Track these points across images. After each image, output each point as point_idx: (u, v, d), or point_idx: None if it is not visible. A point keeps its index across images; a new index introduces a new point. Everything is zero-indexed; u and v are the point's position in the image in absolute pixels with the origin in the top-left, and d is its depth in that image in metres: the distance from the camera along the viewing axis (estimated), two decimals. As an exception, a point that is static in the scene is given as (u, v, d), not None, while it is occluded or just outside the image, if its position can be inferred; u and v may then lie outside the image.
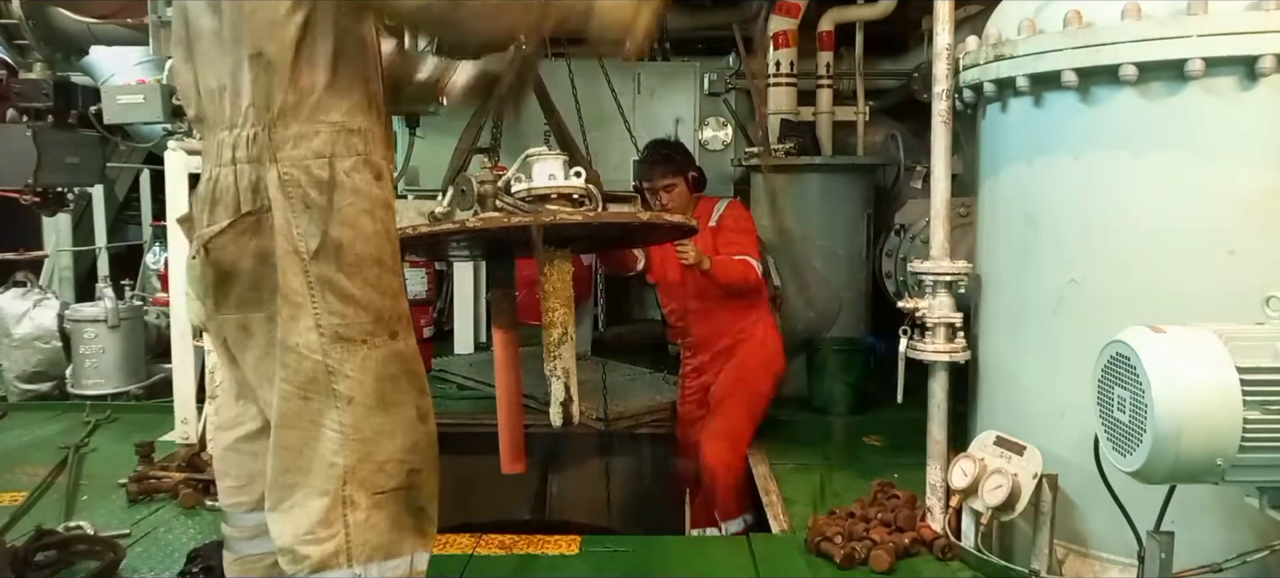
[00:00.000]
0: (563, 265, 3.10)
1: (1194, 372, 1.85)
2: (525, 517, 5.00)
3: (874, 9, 5.50)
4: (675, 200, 4.19)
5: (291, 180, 1.73)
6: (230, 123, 1.79)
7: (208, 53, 1.83)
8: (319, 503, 1.74)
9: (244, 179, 1.77)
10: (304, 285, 1.73)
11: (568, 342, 3.09)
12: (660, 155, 4.37)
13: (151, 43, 3.91)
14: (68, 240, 6.72)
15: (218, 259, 1.80)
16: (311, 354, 1.74)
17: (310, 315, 1.73)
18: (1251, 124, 2.33)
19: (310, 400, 1.75)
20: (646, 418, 4.87)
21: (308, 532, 1.74)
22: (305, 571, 1.74)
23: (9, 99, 4.33)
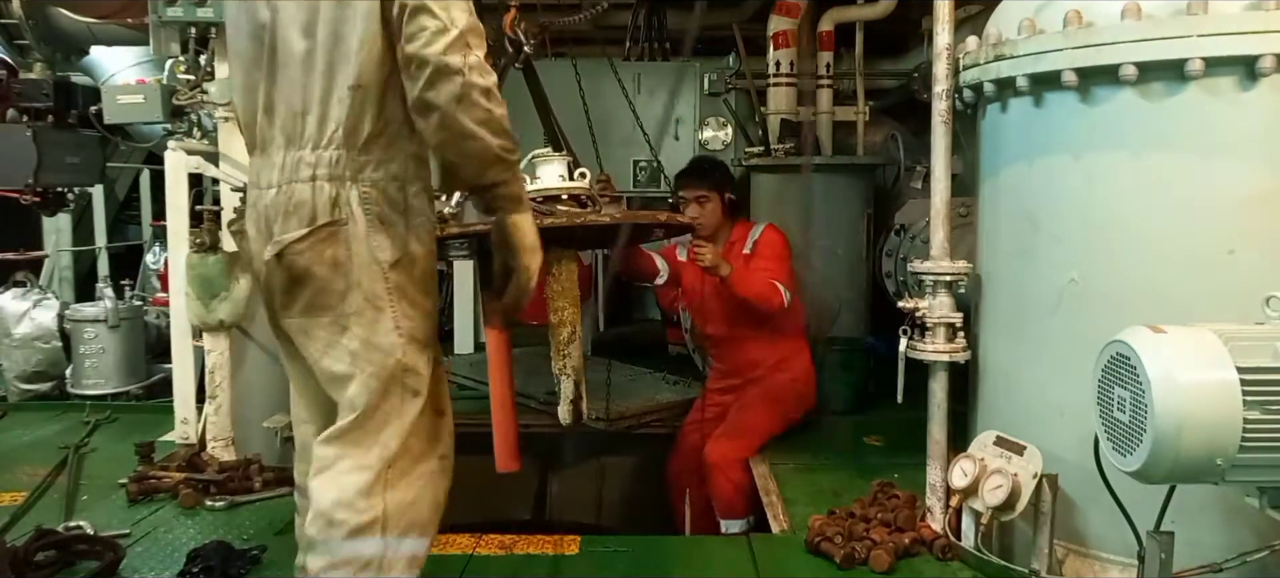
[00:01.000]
0: (570, 265, 3.12)
1: (1194, 372, 1.85)
2: (525, 517, 4.99)
3: (874, 9, 5.50)
4: (706, 216, 4.16)
5: (371, 199, 1.95)
6: (314, 143, 1.96)
7: (293, 76, 1.98)
8: (363, 477, 1.93)
9: (324, 194, 1.94)
10: (385, 291, 1.95)
11: (576, 340, 3.11)
12: (699, 168, 4.41)
13: (152, 43, 3.90)
14: (68, 240, 6.72)
15: (292, 263, 1.96)
16: (393, 353, 1.96)
17: (391, 318, 1.95)
18: (1251, 124, 2.33)
19: (390, 395, 1.97)
20: (647, 418, 4.86)
21: (348, 501, 1.93)
22: (339, 536, 1.92)
23: (9, 99, 4.32)
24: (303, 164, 1.96)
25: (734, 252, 4.12)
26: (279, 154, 2.00)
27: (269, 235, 2.00)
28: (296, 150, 1.98)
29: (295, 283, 1.98)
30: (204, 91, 3.60)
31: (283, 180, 1.98)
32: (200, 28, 3.59)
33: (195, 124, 3.78)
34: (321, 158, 1.95)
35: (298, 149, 1.97)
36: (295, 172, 1.97)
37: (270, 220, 2.00)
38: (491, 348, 3.15)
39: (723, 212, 4.18)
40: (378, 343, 1.96)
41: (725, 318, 4.19)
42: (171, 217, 3.85)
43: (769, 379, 4.20)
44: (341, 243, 1.94)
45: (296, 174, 1.96)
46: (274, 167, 2.01)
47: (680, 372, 5.58)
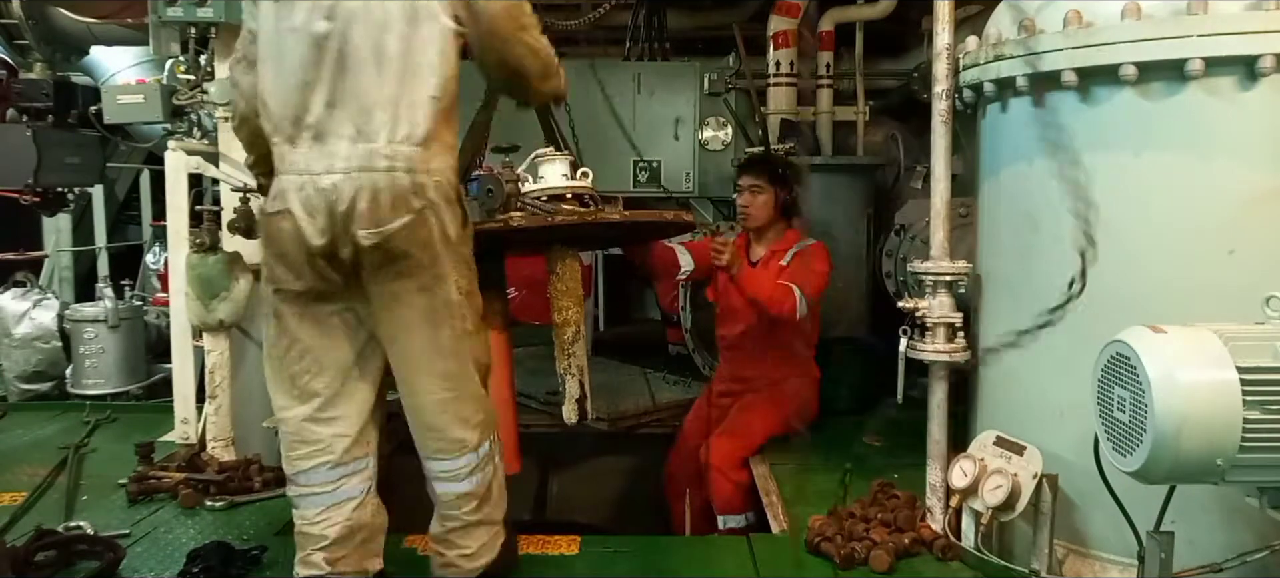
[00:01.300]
0: (573, 264, 3.13)
1: (1194, 372, 1.85)
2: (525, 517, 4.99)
3: (874, 9, 5.50)
4: (757, 208, 4.15)
5: (438, 187, 2.33)
6: (388, 138, 2.28)
7: (365, 81, 2.29)
8: (473, 404, 2.49)
9: (405, 183, 2.28)
10: (449, 262, 2.37)
11: (581, 339, 3.12)
12: (757, 159, 4.42)
13: (152, 43, 3.90)
14: (68, 240, 6.72)
15: (392, 246, 2.28)
16: (459, 308, 2.41)
17: (452, 281, 2.38)
18: (1251, 124, 2.33)
19: (461, 340, 2.43)
20: (646, 418, 4.87)
21: (474, 423, 2.48)
22: (471, 446, 2.48)
23: (9, 99, 4.32)
24: (377, 155, 2.26)
25: (774, 258, 4.11)
26: (344, 145, 2.27)
27: (330, 213, 2.25)
28: (367, 144, 2.26)
29: (390, 260, 2.30)
30: (204, 91, 3.60)
31: (351, 168, 2.25)
32: (200, 28, 3.58)
33: (195, 124, 3.77)
34: (398, 152, 2.27)
35: (368, 143, 2.26)
36: (368, 161, 2.26)
37: (334, 201, 2.24)
38: (491, 348, 3.16)
39: (775, 208, 4.16)
40: (448, 299, 2.39)
41: (747, 321, 4.18)
42: (171, 217, 3.84)
43: (774, 387, 4.20)
44: (426, 225, 2.30)
45: (370, 164, 2.26)
46: (335, 155, 2.27)
47: (680, 372, 5.58)
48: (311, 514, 2.43)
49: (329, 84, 2.28)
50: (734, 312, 4.26)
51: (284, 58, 2.32)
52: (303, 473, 2.43)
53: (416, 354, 2.40)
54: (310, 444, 2.42)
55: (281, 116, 2.33)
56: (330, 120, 2.28)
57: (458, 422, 2.46)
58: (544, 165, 3.13)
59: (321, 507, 2.43)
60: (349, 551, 2.45)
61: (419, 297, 2.35)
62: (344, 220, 2.24)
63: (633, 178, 5.65)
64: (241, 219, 3.45)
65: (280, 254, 2.33)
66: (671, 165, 5.70)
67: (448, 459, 2.48)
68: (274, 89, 2.34)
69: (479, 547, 2.57)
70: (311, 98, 2.29)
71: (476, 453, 2.50)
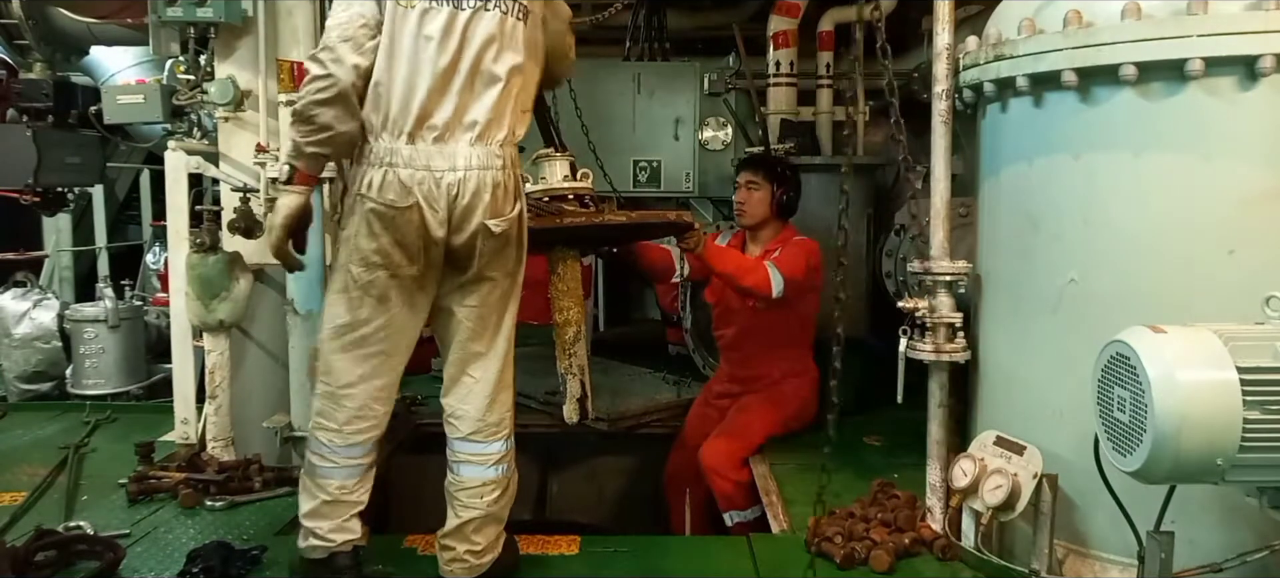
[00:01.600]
0: (573, 265, 3.13)
1: (1194, 372, 1.85)
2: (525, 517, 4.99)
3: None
4: (753, 204, 4.16)
5: (518, 183, 2.67)
6: (499, 142, 2.58)
7: (493, 94, 2.56)
8: (507, 394, 2.70)
9: (509, 180, 2.60)
10: (516, 247, 2.67)
11: (582, 339, 3.13)
12: (757, 156, 4.47)
13: (152, 43, 3.90)
14: (68, 240, 6.72)
15: (506, 233, 2.58)
16: (517, 293, 2.71)
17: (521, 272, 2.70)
18: (1251, 124, 2.33)
19: (512, 324, 2.71)
20: (646, 418, 4.86)
21: (506, 410, 2.69)
22: (503, 435, 2.67)
23: (9, 99, 4.32)
24: (493, 156, 2.56)
25: (767, 256, 4.09)
26: (466, 147, 2.53)
27: (450, 207, 2.51)
28: (485, 147, 2.55)
29: (504, 245, 2.60)
30: (204, 91, 3.60)
31: (474, 166, 2.53)
32: (200, 28, 3.58)
33: (195, 124, 3.77)
34: (505, 155, 2.59)
35: (486, 145, 2.55)
36: (487, 161, 2.54)
37: (455, 195, 2.51)
38: None
39: (771, 206, 4.16)
40: (520, 289, 2.72)
41: (746, 324, 4.18)
42: (171, 217, 3.84)
43: (773, 387, 4.20)
44: (519, 216, 2.64)
45: (489, 163, 2.55)
46: (458, 155, 2.52)
47: (680, 372, 5.58)
48: (351, 483, 2.62)
49: (464, 95, 2.53)
50: (732, 312, 4.26)
51: (417, 61, 2.51)
52: (354, 447, 2.61)
53: (492, 335, 2.66)
54: (368, 420, 2.61)
55: (402, 113, 2.51)
56: (457, 125, 2.53)
57: (502, 406, 2.67)
58: (545, 166, 3.14)
59: (359, 476, 2.63)
60: (355, 515, 2.66)
61: (507, 282, 2.65)
62: (465, 212, 2.50)
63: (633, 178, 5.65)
64: (241, 219, 3.45)
65: (400, 242, 2.51)
66: (671, 165, 5.69)
67: (486, 443, 2.64)
68: (399, 87, 2.51)
69: (487, 544, 2.66)
70: (442, 102, 2.51)
71: (507, 443, 2.68)
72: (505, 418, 2.68)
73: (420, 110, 2.50)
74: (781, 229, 4.23)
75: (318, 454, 2.60)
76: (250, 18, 3.56)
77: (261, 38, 3.53)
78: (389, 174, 2.49)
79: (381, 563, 2.83)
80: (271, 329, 3.78)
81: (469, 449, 2.65)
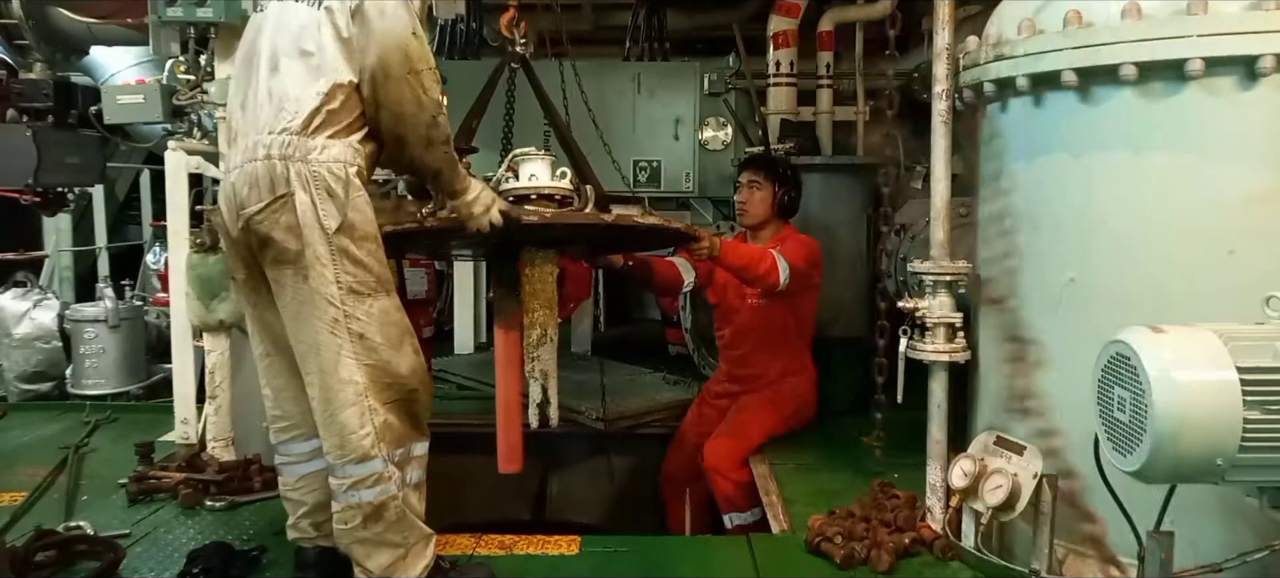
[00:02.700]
0: (545, 267, 3.08)
1: (1194, 372, 1.85)
2: (525, 517, 5.00)
3: (874, 9, 5.50)
4: (755, 204, 4.17)
5: (314, 177, 2.37)
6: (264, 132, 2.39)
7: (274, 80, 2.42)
8: (352, 412, 2.35)
9: (276, 173, 2.35)
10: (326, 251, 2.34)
11: (547, 343, 3.08)
12: (757, 157, 4.46)
13: (152, 43, 3.90)
14: (68, 240, 6.72)
15: (261, 230, 2.38)
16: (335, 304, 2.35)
17: (330, 275, 2.34)
18: (1251, 124, 2.33)
19: (336, 336, 2.34)
20: (646, 418, 4.87)
21: (351, 432, 2.35)
22: (353, 459, 2.36)
23: (9, 99, 4.32)
24: (259, 148, 2.42)
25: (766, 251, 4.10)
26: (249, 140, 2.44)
27: (233, 204, 2.42)
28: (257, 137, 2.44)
29: (265, 244, 2.41)
30: (204, 91, 3.60)
31: (247, 160, 2.41)
32: (200, 28, 3.58)
33: (195, 124, 3.77)
34: (272, 143, 2.40)
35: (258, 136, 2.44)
36: (253, 154, 2.42)
37: (231, 192, 2.43)
38: (501, 348, 3.14)
39: (773, 206, 4.17)
40: (326, 295, 2.41)
41: (746, 323, 4.19)
42: (171, 217, 3.85)
43: (772, 387, 4.20)
44: (291, 211, 2.38)
45: (254, 155, 2.41)
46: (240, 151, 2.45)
47: (680, 372, 5.58)
48: (291, 481, 2.64)
49: (243, 93, 2.46)
50: (733, 312, 4.27)
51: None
52: (281, 444, 2.64)
53: (307, 346, 2.39)
54: (284, 421, 2.61)
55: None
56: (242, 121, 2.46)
57: (343, 429, 2.36)
58: (521, 165, 3.04)
59: (298, 475, 2.63)
60: (330, 515, 2.51)
61: (299, 287, 2.35)
62: (240, 207, 2.37)
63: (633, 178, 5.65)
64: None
65: (223, 248, 2.58)
66: (671, 165, 5.70)
67: (337, 466, 2.40)
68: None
69: (381, 569, 2.43)
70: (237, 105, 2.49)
71: (361, 466, 2.37)
72: (348, 441, 2.34)
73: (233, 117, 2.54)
74: (782, 229, 4.24)
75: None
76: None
77: (261, 38, 3.52)
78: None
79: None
80: (271, 329, 3.78)
81: (331, 472, 2.43)
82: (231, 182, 2.41)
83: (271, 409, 2.64)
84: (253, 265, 2.47)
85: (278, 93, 2.36)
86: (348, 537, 2.42)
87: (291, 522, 2.66)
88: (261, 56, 2.42)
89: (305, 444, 2.60)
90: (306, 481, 2.62)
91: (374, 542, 2.41)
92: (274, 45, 2.39)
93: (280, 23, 2.41)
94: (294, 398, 2.57)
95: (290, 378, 2.55)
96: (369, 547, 2.41)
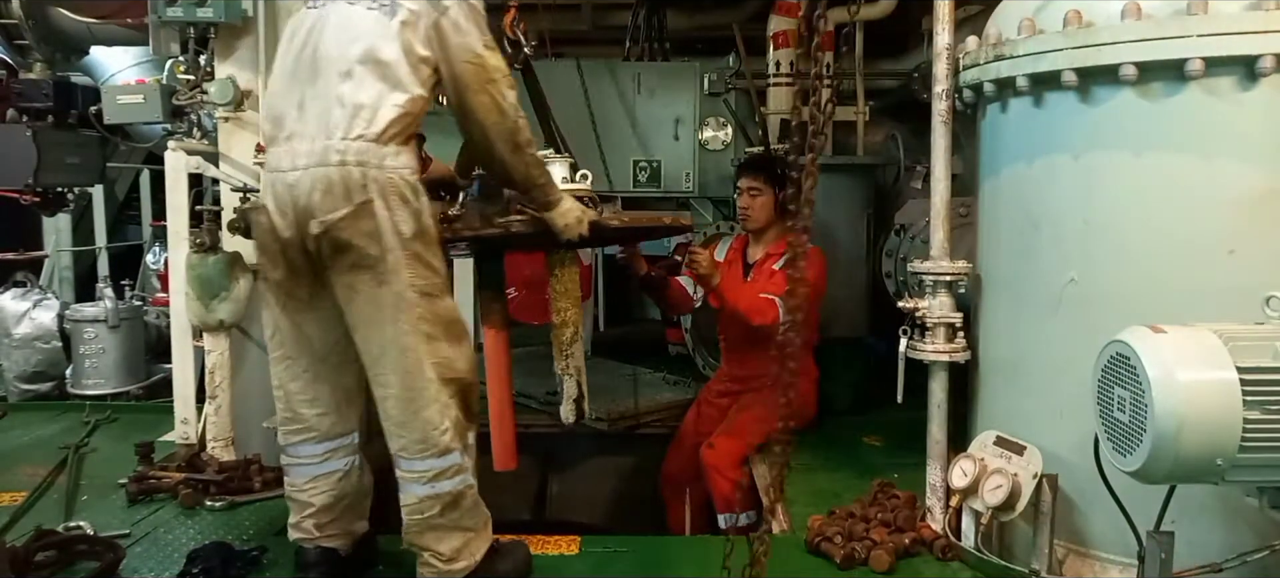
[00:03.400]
0: (572, 267, 3.13)
1: (1194, 372, 1.85)
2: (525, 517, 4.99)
3: (874, 9, 5.50)
4: (757, 210, 4.16)
5: (390, 183, 2.45)
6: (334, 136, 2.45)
7: (322, 88, 2.46)
8: (434, 409, 2.46)
9: (352, 178, 2.40)
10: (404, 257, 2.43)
11: (578, 340, 3.13)
12: (757, 160, 4.45)
13: (152, 43, 3.90)
14: (68, 240, 6.72)
15: (333, 234, 2.41)
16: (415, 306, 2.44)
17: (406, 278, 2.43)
18: (1251, 124, 2.33)
19: (415, 338, 2.43)
20: (646, 418, 4.87)
21: (433, 427, 2.45)
22: (435, 453, 2.46)
23: (9, 99, 4.32)
24: (331, 152, 2.47)
25: (768, 265, 4.11)
26: (306, 144, 2.48)
27: (295, 208, 2.45)
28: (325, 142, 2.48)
29: (342, 249, 2.43)
30: (204, 91, 3.60)
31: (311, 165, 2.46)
32: (200, 28, 3.58)
33: (195, 124, 3.77)
34: (347, 148, 2.46)
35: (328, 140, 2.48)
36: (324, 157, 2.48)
37: (294, 195, 2.45)
38: (490, 348, 3.15)
39: (775, 209, 4.17)
40: (395, 292, 2.49)
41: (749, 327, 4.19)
42: (171, 217, 3.84)
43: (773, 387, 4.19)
44: (356, 215, 2.43)
45: (325, 160, 2.47)
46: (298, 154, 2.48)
47: (680, 372, 5.58)
48: (300, 482, 2.63)
49: (300, 91, 2.47)
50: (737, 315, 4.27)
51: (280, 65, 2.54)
52: (291, 446, 2.63)
53: (378, 347, 2.45)
54: (297, 422, 2.61)
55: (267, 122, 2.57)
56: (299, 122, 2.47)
57: (426, 424, 2.46)
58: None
59: (308, 477, 2.63)
60: (335, 516, 2.64)
61: (371, 289, 2.41)
62: (304, 212, 2.38)
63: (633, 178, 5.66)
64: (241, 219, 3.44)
65: (261, 246, 2.54)
66: (671, 165, 5.70)
67: (412, 460, 2.49)
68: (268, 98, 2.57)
69: (454, 551, 2.55)
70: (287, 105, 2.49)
71: (444, 459, 2.49)
72: (430, 435, 2.46)
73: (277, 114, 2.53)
74: (785, 231, 4.23)
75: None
76: (250, 18, 3.57)
77: (261, 38, 3.53)
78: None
79: (382, 565, 2.83)
80: (271, 329, 3.78)
81: (401, 466, 2.52)
82: (289, 183, 2.40)
83: (283, 411, 2.63)
84: (299, 268, 2.47)
85: (351, 99, 2.37)
86: (422, 526, 2.51)
87: (294, 522, 2.66)
88: (328, 60, 2.41)
89: (318, 447, 2.61)
90: (316, 483, 2.62)
91: (448, 527, 2.52)
92: (344, 51, 2.40)
93: (347, 28, 2.42)
94: (311, 402, 2.59)
95: (311, 383, 2.58)
96: (442, 533, 2.52)
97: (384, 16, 2.41)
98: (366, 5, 2.44)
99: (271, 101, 2.57)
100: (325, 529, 2.63)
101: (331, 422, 2.61)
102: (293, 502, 2.66)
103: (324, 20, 2.47)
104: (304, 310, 2.54)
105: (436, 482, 2.49)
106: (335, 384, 2.61)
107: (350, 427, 2.66)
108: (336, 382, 2.61)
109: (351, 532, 2.71)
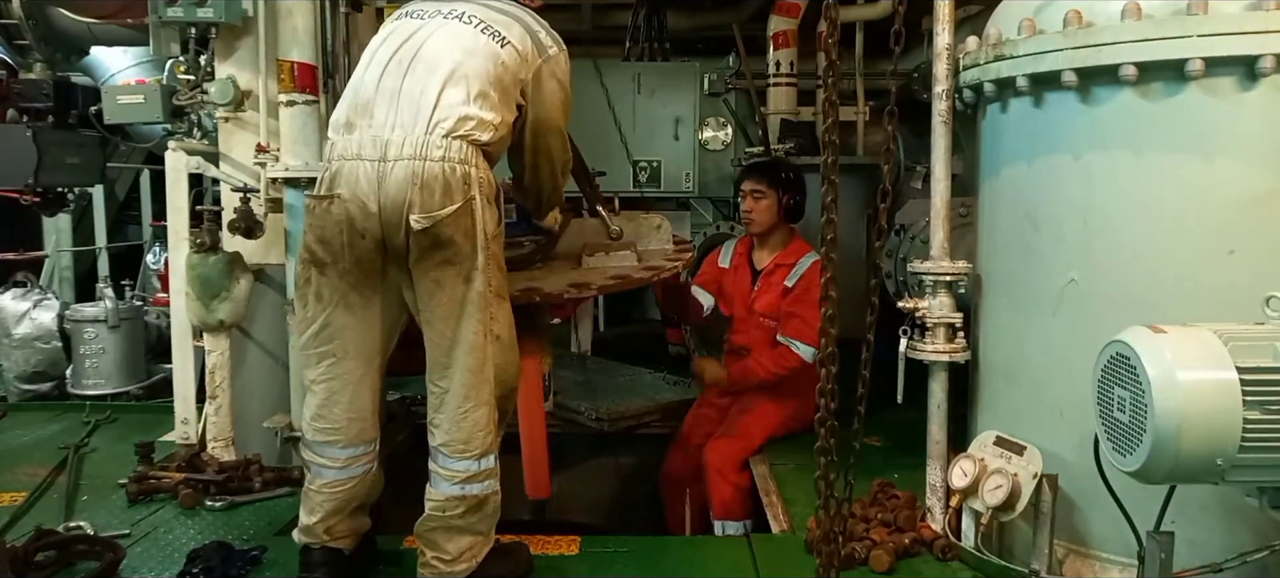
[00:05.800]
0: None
1: (1194, 372, 1.85)
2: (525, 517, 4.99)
3: (874, 9, 5.51)
4: (760, 213, 4.16)
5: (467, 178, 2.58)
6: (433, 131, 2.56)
7: (422, 78, 2.60)
8: (485, 411, 2.52)
9: (450, 175, 2.50)
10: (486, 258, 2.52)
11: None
12: (760, 164, 4.45)
13: (152, 43, 3.90)
14: (68, 240, 6.72)
15: (433, 231, 2.48)
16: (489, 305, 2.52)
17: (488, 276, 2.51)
18: (1251, 124, 2.33)
19: (485, 337, 2.49)
20: (646, 418, 4.86)
21: (480, 428, 2.51)
22: (475, 454, 2.51)
23: (9, 99, 4.32)
24: (432, 147, 2.60)
25: (778, 277, 4.11)
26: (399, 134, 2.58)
27: (379, 198, 2.52)
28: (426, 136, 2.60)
29: (433, 246, 2.49)
30: (204, 91, 3.60)
31: (403, 156, 2.55)
32: (200, 28, 3.58)
33: (195, 124, 3.77)
34: (446, 146, 2.57)
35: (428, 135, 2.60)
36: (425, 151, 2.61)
37: (379, 186, 2.54)
38: (525, 377, 3.14)
39: (778, 213, 4.16)
40: (477, 292, 2.58)
41: (757, 330, 4.20)
42: (171, 217, 3.84)
43: (773, 387, 4.20)
44: (458, 215, 2.52)
45: (426, 154, 2.58)
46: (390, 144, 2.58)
47: (680, 372, 5.58)
48: (320, 483, 2.63)
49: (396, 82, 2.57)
50: (744, 322, 4.28)
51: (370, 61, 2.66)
52: (317, 445, 2.63)
53: (449, 346, 2.50)
54: (326, 421, 2.60)
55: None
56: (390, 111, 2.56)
57: (473, 424, 2.52)
58: None
59: (329, 479, 2.62)
60: (344, 517, 2.65)
61: (457, 288, 2.47)
62: (393, 205, 2.43)
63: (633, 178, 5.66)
64: (242, 219, 3.45)
65: (322, 238, 2.51)
66: (671, 165, 5.70)
67: (452, 459, 2.54)
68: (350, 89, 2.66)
69: (459, 553, 2.58)
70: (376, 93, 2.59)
71: (479, 462, 2.54)
72: (475, 437, 2.52)
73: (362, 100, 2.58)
74: (789, 236, 4.23)
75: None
76: (250, 18, 3.57)
77: (261, 38, 3.53)
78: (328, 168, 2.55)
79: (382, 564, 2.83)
80: (271, 329, 3.77)
81: (438, 461, 2.56)
82: (376, 173, 2.43)
83: (319, 409, 2.60)
84: (364, 261, 2.49)
85: (456, 104, 2.47)
86: (439, 523, 2.54)
87: (306, 525, 2.63)
88: (435, 64, 2.51)
89: (343, 451, 2.62)
90: (331, 486, 2.62)
91: (462, 529, 2.56)
92: (456, 61, 2.51)
93: (457, 40, 2.56)
94: (347, 404, 2.59)
95: (356, 385, 2.59)
96: (454, 533, 2.55)
97: (494, 43, 2.58)
98: (477, 28, 2.59)
99: (360, 89, 2.59)
100: (335, 531, 2.64)
101: (361, 428, 2.62)
102: (308, 501, 2.64)
103: (431, 29, 2.60)
104: (360, 308, 2.55)
105: (468, 484, 2.53)
106: (376, 389, 2.64)
107: (377, 433, 2.68)
108: (377, 386, 2.65)
109: (357, 530, 2.72)
